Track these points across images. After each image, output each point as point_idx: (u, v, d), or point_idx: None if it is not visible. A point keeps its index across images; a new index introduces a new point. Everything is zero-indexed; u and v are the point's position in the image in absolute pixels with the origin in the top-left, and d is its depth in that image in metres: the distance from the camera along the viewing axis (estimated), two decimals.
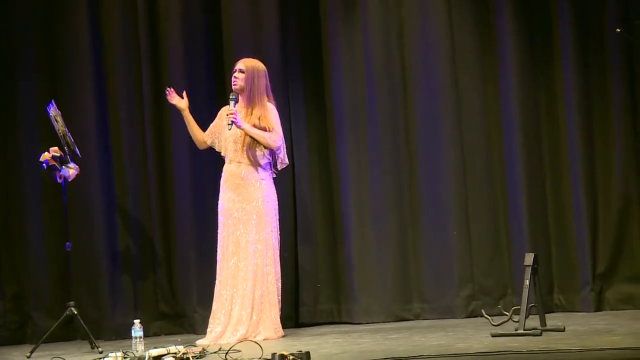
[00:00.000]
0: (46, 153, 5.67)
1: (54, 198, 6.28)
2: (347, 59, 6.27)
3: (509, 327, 4.89)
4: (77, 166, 5.75)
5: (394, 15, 6.24)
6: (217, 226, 5.73)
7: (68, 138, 5.70)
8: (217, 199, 5.74)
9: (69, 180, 5.74)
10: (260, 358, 4.46)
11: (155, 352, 4.60)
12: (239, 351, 4.78)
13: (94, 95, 6.40)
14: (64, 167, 5.70)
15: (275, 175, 5.78)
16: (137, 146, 6.43)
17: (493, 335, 4.80)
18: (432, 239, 6.15)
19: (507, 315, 5.01)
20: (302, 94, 6.40)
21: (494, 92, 6.16)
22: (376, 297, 6.17)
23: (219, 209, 5.67)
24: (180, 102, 5.76)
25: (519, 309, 4.87)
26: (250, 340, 5.20)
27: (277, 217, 5.71)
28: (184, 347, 4.77)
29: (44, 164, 5.67)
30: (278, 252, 5.68)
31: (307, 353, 4.27)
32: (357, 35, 6.27)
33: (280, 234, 6.10)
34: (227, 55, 6.30)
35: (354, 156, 6.25)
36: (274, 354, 4.23)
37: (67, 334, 6.19)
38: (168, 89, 5.80)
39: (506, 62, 6.06)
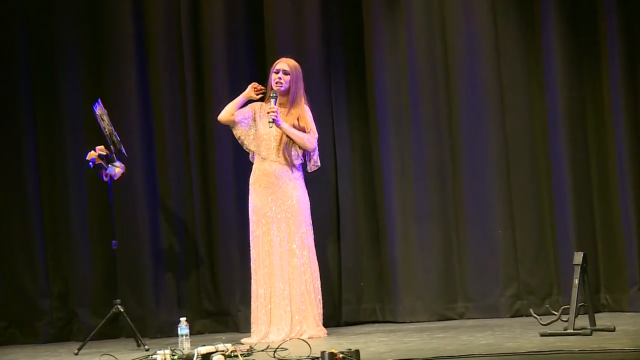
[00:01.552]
0: (92, 152, 5.70)
1: (98, 196, 6.34)
2: (390, 57, 6.25)
3: (557, 327, 4.84)
4: (123, 165, 5.78)
5: (437, 11, 6.22)
6: None
7: (114, 137, 5.73)
8: None
9: (115, 178, 5.77)
10: (308, 356, 4.45)
11: (203, 349, 4.60)
12: (286, 349, 4.78)
13: (137, 94, 6.45)
14: (110, 165, 5.73)
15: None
16: (180, 145, 6.46)
17: (542, 335, 4.76)
18: (476, 237, 6.12)
19: (555, 314, 4.96)
20: (345, 92, 6.39)
21: (538, 89, 6.12)
22: (420, 296, 6.15)
23: (251, 208, 5.66)
24: (252, 94, 5.67)
25: (568, 308, 4.82)
26: (299, 339, 5.18)
27: (310, 217, 5.69)
28: (232, 345, 4.77)
29: (91, 163, 5.70)
30: (314, 250, 5.67)
31: (357, 351, 4.25)
32: (401, 33, 6.25)
33: (322, 233, 6.12)
34: (269, 56, 6.29)
35: (397, 154, 6.23)
36: (323, 352, 4.22)
37: (111, 331, 6.24)
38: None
39: (551, 58, 6.02)
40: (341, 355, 4.18)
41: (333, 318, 6.17)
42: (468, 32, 6.15)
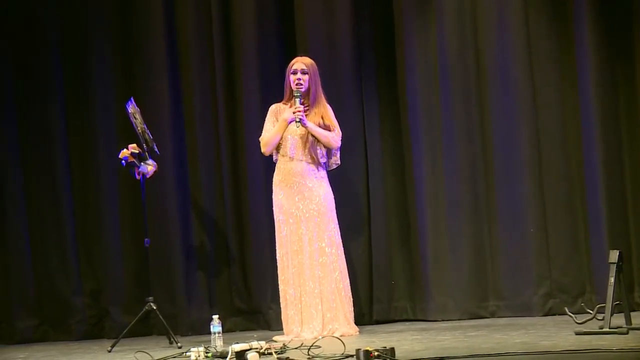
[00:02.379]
0: (125, 150, 5.70)
1: (130, 195, 6.37)
2: (422, 56, 6.22)
3: (592, 326, 4.81)
4: (155, 163, 5.79)
5: (469, 11, 6.19)
6: None
7: (147, 135, 5.74)
8: None
9: (148, 176, 5.77)
10: (342, 354, 4.45)
11: (237, 347, 4.61)
12: (319, 347, 4.78)
13: (168, 92, 6.46)
14: (142, 163, 5.73)
15: None
16: (211, 143, 6.47)
17: (577, 334, 4.73)
18: (508, 235, 6.09)
19: (590, 313, 4.93)
20: (376, 92, 6.37)
21: (571, 88, 6.08)
22: (451, 295, 6.13)
23: (278, 207, 5.65)
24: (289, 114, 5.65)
25: (603, 306, 4.79)
26: (333, 337, 5.17)
27: (336, 214, 5.67)
28: (266, 343, 4.78)
29: (123, 161, 5.70)
30: (342, 248, 5.66)
31: (392, 349, 4.24)
32: (432, 33, 6.22)
33: (353, 231, 6.12)
34: (300, 55, 6.27)
35: (428, 154, 6.21)
36: (358, 350, 4.21)
37: (142, 329, 6.24)
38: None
39: (584, 58, 5.98)
40: (376, 353, 4.16)
41: (364, 316, 6.16)
42: (500, 32, 6.12)
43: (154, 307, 5.67)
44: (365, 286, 6.25)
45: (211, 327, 5.09)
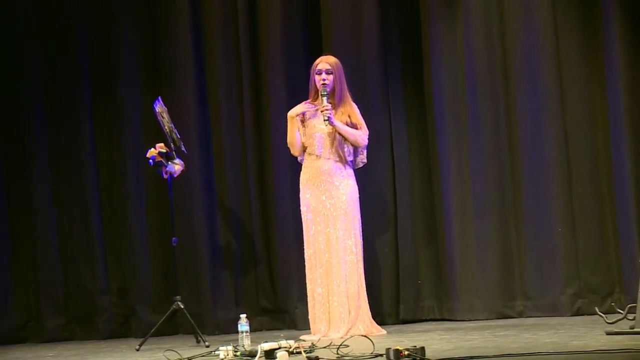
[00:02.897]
0: (153, 149, 5.71)
1: (157, 194, 6.39)
2: (448, 55, 6.20)
3: (623, 326, 4.76)
4: (182, 162, 5.80)
5: (496, 8, 6.16)
6: None
7: (174, 134, 5.74)
8: None
9: (175, 176, 5.78)
10: (372, 353, 4.44)
11: (266, 346, 4.61)
12: (348, 346, 4.77)
13: (195, 92, 6.49)
14: (170, 163, 5.74)
15: None
16: (237, 142, 6.48)
17: (608, 334, 4.69)
18: (535, 235, 6.05)
19: (620, 313, 4.88)
20: (402, 90, 6.36)
21: (599, 86, 6.04)
22: (478, 294, 6.10)
23: (305, 206, 5.65)
24: (300, 109, 5.69)
25: (634, 306, 4.74)
26: (362, 336, 5.15)
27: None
28: (294, 342, 4.77)
29: (151, 160, 5.71)
30: (362, 247, 5.65)
31: (422, 348, 4.22)
32: (459, 31, 6.20)
33: (380, 231, 6.10)
34: (326, 53, 6.25)
35: (455, 152, 6.19)
36: (388, 349, 4.19)
37: (169, 328, 6.25)
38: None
39: (613, 56, 5.93)
40: (406, 352, 4.15)
41: (391, 316, 6.16)
42: (527, 29, 6.08)
43: (182, 306, 5.67)
44: (392, 286, 6.23)
45: (239, 326, 5.08)
